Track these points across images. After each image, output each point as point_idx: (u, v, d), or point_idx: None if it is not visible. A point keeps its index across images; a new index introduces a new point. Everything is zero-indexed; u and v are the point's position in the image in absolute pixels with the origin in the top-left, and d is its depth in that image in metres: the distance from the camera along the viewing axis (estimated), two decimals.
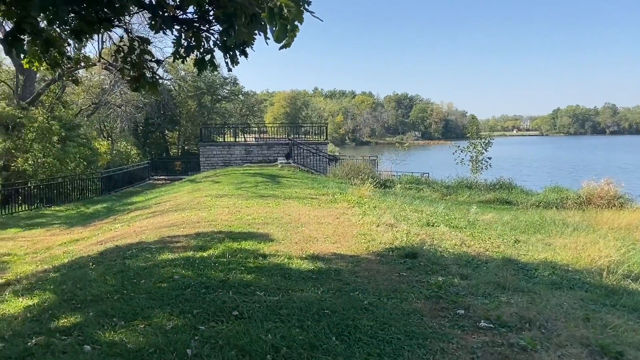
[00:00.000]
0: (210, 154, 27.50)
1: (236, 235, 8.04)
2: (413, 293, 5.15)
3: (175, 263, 6.41)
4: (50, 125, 19.48)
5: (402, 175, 24.03)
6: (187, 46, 3.78)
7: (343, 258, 6.62)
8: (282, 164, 23.05)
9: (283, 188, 14.63)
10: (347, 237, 8.00)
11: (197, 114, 43.39)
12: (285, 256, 6.61)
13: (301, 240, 7.69)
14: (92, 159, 22.89)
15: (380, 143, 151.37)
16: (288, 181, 16.66)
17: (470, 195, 18.70)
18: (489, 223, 11.97)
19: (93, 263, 7.25)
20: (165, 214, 11.67)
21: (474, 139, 24.49)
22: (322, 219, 9.58)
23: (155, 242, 8.11)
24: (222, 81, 48.64)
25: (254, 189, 14.47)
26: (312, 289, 5.20)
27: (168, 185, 23.37)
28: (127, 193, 22.16)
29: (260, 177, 17.82)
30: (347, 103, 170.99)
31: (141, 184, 26.62)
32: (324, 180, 18.56)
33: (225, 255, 6.62)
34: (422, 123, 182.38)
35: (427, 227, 9.53)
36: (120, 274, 6.20)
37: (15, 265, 9.04)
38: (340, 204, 11.65)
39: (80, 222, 13.93)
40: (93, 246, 9.17)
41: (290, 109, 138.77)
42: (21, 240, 11.92)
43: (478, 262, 7.05)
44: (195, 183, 18.43)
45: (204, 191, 14.87)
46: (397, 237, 7.92)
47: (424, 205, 12.95)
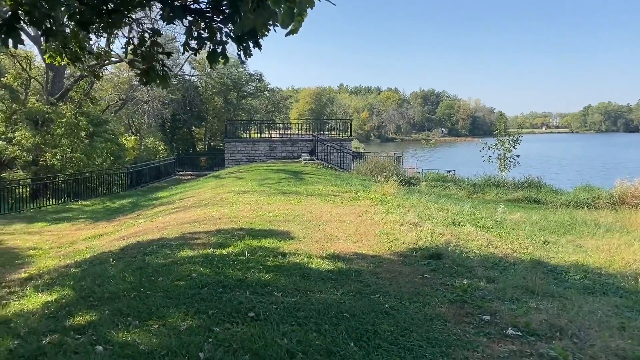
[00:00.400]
0: (235, 150, 27.58)
1: (256, 233, 7.94)
2: (437, 297, 4.94)
3: (194, 260, 6.33)
4: (77, 121, 19.80)
5: (427, 173, 23.64)
6: (199, 37, 3.64)
7: (364, 258, 6.44)
8: (305, 161, 22.93)
9: (305, 185, 14.50)
10: (369, 236, 7.81)
11: (223, 110, 43.71)
12: (305, 255, 6.47)
13: (322, 239, 7.54)
14: (119, 154, 23.20)
15: (406, 140, 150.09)
16: (311, 178, 16.52)
17: (497, 193, 18.24)
18: (517, 223, 11.60)
19: (114, 259, 7.24)
20: (188, 209, 11.66)
21: (501, 136, 23.89)
22: (344, 217, 9.40)
23: (176, 239, 8.07)
24: (247, 78, 48.96)
25: (277, 185, 14.38)
26: (332, 290, 5.04)
27: (193, 180, 23.51)
28: (153, 188, 22.36)
29: (284, 173, 17.73)
30: (373, 99, 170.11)
31: (167, 179, 26.87)
32: (347, 177, 18.37)
33: (245, 253, 6.51)
34: (449, 120, 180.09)
35: (453, 226, 9.26)
36: (139, 270, 6.16)
37: (40, 259, 9.13)
38: (363, 201, 11.46)
39: (105, 217, 14.07)
40: (115, 241, 9.19)
41: (315, 105, 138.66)
42: (47, 234, 12.08)
43: (505, 264, 6.79)
44: (219, 179, 18.45)
45: (227, 187, 14.85)
46: (421, 236, 7.69)
47: (450, 204, 12.64)
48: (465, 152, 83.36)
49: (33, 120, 19.82)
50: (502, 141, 23.60)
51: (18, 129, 18.99)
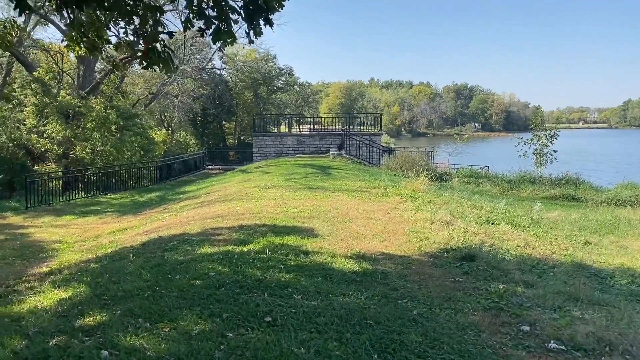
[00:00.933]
0: (263, 144, 27.44)
1: (279, 229, 7.65)
2: (470, 303, 4.54)
3: (213, 258, 6.09)
4: (107, 115, 19.94)
5: (460, 168, 22.96)
6: (200, 11, 3.34)
7: (392, 259, 6.06)
8: (334, 155, 22.58)
9: (333, 180, 14.16)
10: (397, 234, 7.42)
11: (253, 104, 43.80)
12: (329, 254, 6.14)
13: (347, 237, 7.19)
14: (148, 148, 23.33)
15: (438, 134, 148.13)
16: (339, 173, 16.17)
17: (533, 190, 17.50)
18: (555, 222, 11.01)
19: (134, 255, 7.07)
20: (213, 204, 11.49)
21: (538, 131, 22.95)
22: (371, 214, 9.03)
23: (197, 234, 7.86)
24: (277, 72, 49.02)
25: (303, 180, 14.08)
26: (355, 293, 4.70)
27: (221, 175, 23.47)
28: (182, 182, 22.40)
29: (311, 168, 17.43)
30: (404, 93, 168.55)
31: (196, 173, 26.95)
32: (376, 172, 17.94)
33: (266, 251, 6.23)
34: (482, 114, 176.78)
35: (487, 225, 8.78)
36: (157, 267, 5.95)
37: (63, 253, 9.08)
38: (392, 198, 11.04)
39: (132, 211, 14.05)
40: (138, 236, 9.07)
41: (345, 99, 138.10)
42: (74, 227, 12.11)
43: (544, 266, 6.31)
44: (246, 173, 18.29)
45: (253, 182, 14.64)
46: (453, 236, 7.26)
47: (484, 201, 12.08)
48: (499, 148, 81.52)
49: (64, 113, 20.07)
50: (538, 136, 22.69)
51: (49, 122, 19.24)
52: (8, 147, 18.12)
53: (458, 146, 45.43)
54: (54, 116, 19.04)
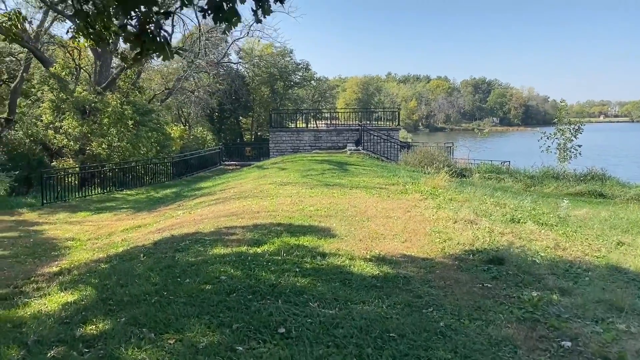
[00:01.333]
0: (280, 140, 27.17)
1: (295, 229, 7.33)
2: (502, 313, 4.16)
3: (226, 260, 5.79)
4: (123, 110, 19.81)
5: (480, 164, 22.38)
6: None
7: (414, 261, 5.70)
8: (351, 151, 22.20)
9: (350, 176, 13.80)
10: (418, 234, 7.04)
11: (269, 100, 43.71)
12: (347, 256, 5.80)
13: (366, 237, 6.84)
14: (164, 143, 23.20)
15: (456, 129, 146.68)
16: (356, 169, 15.79)
17: (557, 186, 16.90)
18: (584, 220, 10.49)
19: (144, 255, 6.83)
20: (228, 201, 11.22)
21: (562, 125, 22.19)
22: (390, 213, 8.66)
23: (210, 233, 7.58)
24: (294, 67, 48.84)
25: (320, 176, 13.75)
26: (376, 301, 4.35)
27: (237, 171, 23.27)
28: (198, 178, 22.25)
29: (328, 164, 17.09)
30: (421, 88, 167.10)
31: (212, 169, 26.80)
32: (394, 168, 17.52)
33: (281, 253, 5.91)
34: (501, 109, 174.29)
35: (513, 224, 8.34)
36: (167, 270, 5.69)
37: (75, 251, 8.90)
38: (412, 195, 10.64)
39: (147, 207, 13.88)
40: (151, 234, 8.84)
41: (362, 94, 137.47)
42: (88, 224, 11.96)
43: (577, 270, 5.88)
44: (262, 169, 18.03)
45: (269, 178, 14.36)
46: (478, 236, 6.85)
47: (507, 198, 11.61)
48: (518, 142, 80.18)
49: (80, 109, 20.01)
50: (562, 130, 21.97)
51: (65, 118, 19.19)
52: (25, 143, 18.12)
53: (478, 141, 44.74)
54: (70, 112, 18.97)
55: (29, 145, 18.29)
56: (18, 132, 18.57)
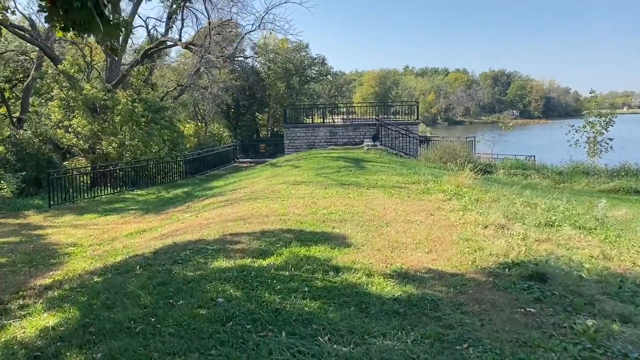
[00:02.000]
0: (294, 136, 26.49)
1: (306, 236, 6.64)
2: (554, 350, 3.40)
3: (227, 275, 5.13)
4: (133, 108, 19.29)
5: (504, 159, 21.39)
6: None
7: (442, 277, 4.95)
8: (368, 147, 21.42)
9: (367, 174, 13.04)
10: (444, 243, 6.28)
11: (285, 95, 43.22)
12: (364, 271, 5.08)
13: (385, 247, 6.11)
14: (177, 141, 22.69)
15: (475, 122, 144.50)
16: (373, 166, 15.02)
17: (588, 183, 15.90)
18: (625, 222, 9.59)
19: (141, 266, 6.22)
20: (237, 203, 10.58)
21: (592, 117, 20.97)
22: (412, 216, 7.91)
23: (214, 241, 6.93)
24: (310, 62, 48.35)
25: (335, 175, 13.02)
26: (399, 334, 3.62)
27: (251, 168, 22.70)
28: (211, 176, 21.71)
29: (343, 161, 16.35)
30: (440, 81, 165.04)
31: (226, 167, 26.28)
32: (414, 164, 16.71)
33: (288, 267, 5.22)
34: (521, 101, 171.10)
35: (548, 228, 7.52)
36: (160, 287, 5.05)
37: (73, 259, 8.35)
38: (435, 195, 9.86)
39: (156, 209, 13.32)
40: (153, 241, 8.24)
41: (379, 88, 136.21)
42: (93, 228, 11.44)
43: (631, 286, 5.07)
44: (276, 167, 17.38)
45: (281, 177, 13.69)
46: (513, 245, 6.07)
47: (537, 197, 10.74)
48: (540, 135, 78.27)
49: (90, 107, 19.58)
50: (592, 123, 20.82)
51: (75, 116, 18.74)
52: (34, 143, 17.74)
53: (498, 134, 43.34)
54: (80, 110, 18.54)
55: (38, 145, 17.92)
56: (27, 131, 18.19)
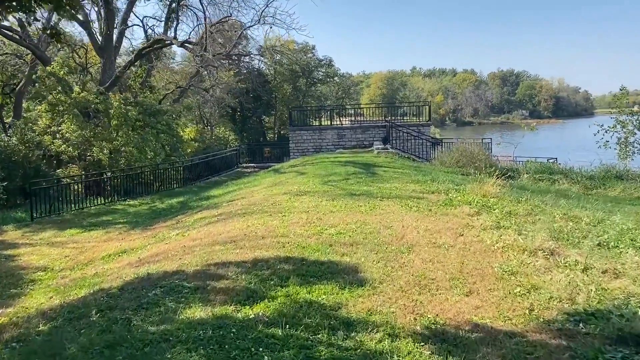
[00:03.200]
0: (301, 139, 25.14)
1: (309, 269, 5.28)
2: None
3: (198, 336, 3.78)
4: (126, 111, 17.97)
5: (526, 162, 19.84)
6: None
7: (494, 340, 3.56)
8: (378, 150, 20.01)
9: (379, 182, 11.65)
10: (486, 279, 4.89)
11: (292, 97, 42.47)
12: (386, 330, 3.71)
13: (411, 285, 4.73)
14: (175, 146, 21.36)
15: (484, 123, 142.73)
16: (386, 172, 13.62)
17: (624, 189, 14.35)
18: None
19: (99, 311, 4.94)
20: (231, 219, 9.22)
21: (625, 115, 19.19)
22: (437, 237, 6.52)
23: (194, 275, 5.59)
24: (317, 63, 47.81)
25: (344, 183, 11.63)
26: None
27: (254, 174, 21.38)
28: (211, 183, 20.39)
29: (352, 166, 14.97)
30: (448, 82, 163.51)
31: (228, 173, 24.97)
32: (429, 169, 15.30)
33: (282, 322, 3.86)
34: (530, 101, 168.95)
35: (603, 250, 6.10)
36: (108, 352, 3.72)
37: (36, 290, 7.07)
38: (459, 207, 8.45)
39: (145, 223, 12.00)
40: (128, 268, 6.92)
41: (386, 90, 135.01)
42: (71, 246, 10.13)
43: None
44: (279, 174, 16.02)
45: (284, 186, 12.33)
46: (577, 282, 4.66)
47: (576, 207, 9.29)
48: (553, 136, 76.43)
49: (82, 112, 18.32)
50: (622, 122, 19.18)
51: (64, 121, 17.42)
52: (20, 150, 16.47)
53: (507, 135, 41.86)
54: (70, 114, 17.24)
55: (25, 152, 16.65)
56: (12, 137, 16.86)
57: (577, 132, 67.16)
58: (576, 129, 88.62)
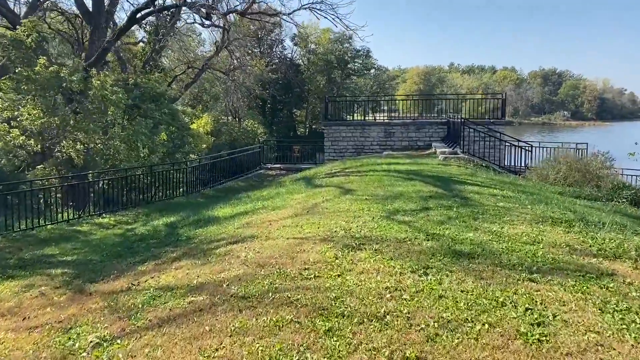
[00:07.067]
0: (338, 136, 20.36)
1: None
2: None
3: None
4: (110, 93, 13.40)
5: None
6: None
7: None
8: (444, 155, 14.99)
9: (485, 217, 6.75)
10: None
11: (325, 90, 39.31)
12: None
13: None
14: (182, 140, 16.83)
15: (525, 123, 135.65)
16: (480, 195, 8.68)
17: None
18: None
19: None
20: (218, 311, 4.55)
21: None
22: None
23: None
24: (354, 54, 44.90)
25: (424, 218, 6.77)
26: None
27: (278, 179, 16.76)
28: (223, 191, 15.89)
29: (421, 181, 10.14)
30: (487, 79, 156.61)
31: (248, 175, 20.41)
32: (535, 189, 10.36)
33: None
34: (573, 102, 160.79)
35: None
36: None
37: None
38: None
39: (91, 272, 7.32)
40: None
41: (423, 85, 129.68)
42: None
43: None
44: (313, 188, 11.26)
45: (322, 217, 7.54)
46: None
47: None
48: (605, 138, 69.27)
49: (64, 94, 14.03)
50: None
51: (24, 104, 12.92)
52: None
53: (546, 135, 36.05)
54: (36, 96, 12.82)
55: None
56: None
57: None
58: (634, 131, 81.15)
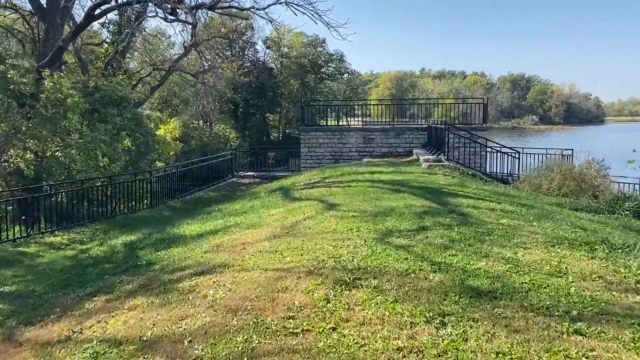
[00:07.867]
0: (315, 142, 19.36)
1: None
2: None
3: None
4: (64, 98, 12.09)
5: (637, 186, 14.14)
6: None
7: None
8: (428, 162, 14.14)
9: (492, 239, 5.85)
10: None
11: (299, 94, 38.66)
12: None
13: None
14: (145, 149, 15.56)
15: (494, 127, 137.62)
16: (478, 210, 7.81)
17: None
18: None
19: None
20: None
21: None
22: None
23: None
24: (327, 57, 44.89)
25: (422, 240, 5.78)
26: None
27: (252, 189, 15.66)
28: (191, 203, 14.67)
29: (410, 193, 9.21)
30: (458, 84, 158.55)
31: (220, 184, 19.21)
32: (530, 201, 9.55)
33: None
34: (541, 106, 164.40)
35: None
36: None
37: None
38: None
39: (38, 304, 6.12)
40: None
41: (395, 90, 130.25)
42: None
43: None
44: (291, 201, 10.20)
45: (304, 239, 6.50)
46: None
47: None
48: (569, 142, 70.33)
49: (14, 97, 12.64)
50: None
51: None
52: None
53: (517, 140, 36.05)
54: None
55: None
56: None
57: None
58: (604, 135, 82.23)
